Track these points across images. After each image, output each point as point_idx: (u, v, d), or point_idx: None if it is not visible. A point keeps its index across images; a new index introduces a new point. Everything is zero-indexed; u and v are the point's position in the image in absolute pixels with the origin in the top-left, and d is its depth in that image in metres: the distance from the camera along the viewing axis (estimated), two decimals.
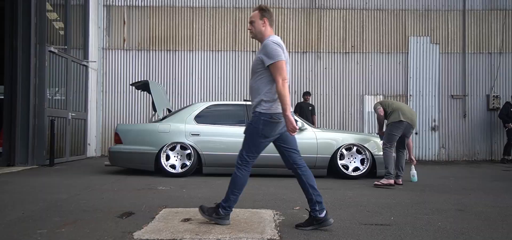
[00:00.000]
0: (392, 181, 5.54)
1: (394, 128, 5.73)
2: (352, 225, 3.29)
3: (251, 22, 3.14)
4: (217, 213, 3.15)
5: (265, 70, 2.99)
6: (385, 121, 5.95)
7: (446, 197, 4.76)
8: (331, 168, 6.42)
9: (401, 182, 5.78)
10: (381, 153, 6.21)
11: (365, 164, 6.34)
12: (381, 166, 6.24)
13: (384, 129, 5.98)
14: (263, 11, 3.12)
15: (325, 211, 3.07)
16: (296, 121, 6.37)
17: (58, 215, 3.48)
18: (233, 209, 3.22)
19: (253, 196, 4.60)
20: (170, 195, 4.57)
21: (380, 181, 5.60)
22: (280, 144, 3.14)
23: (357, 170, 6.33)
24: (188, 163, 6.27)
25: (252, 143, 3.06)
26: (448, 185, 5.85)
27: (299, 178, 3.12)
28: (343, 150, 6.38)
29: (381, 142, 6.23)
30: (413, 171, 6.16)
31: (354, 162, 6.40)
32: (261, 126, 3.01)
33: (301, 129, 6.40)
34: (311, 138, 6.39)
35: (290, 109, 2.95)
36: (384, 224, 3.35)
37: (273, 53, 2.94)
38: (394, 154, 6.09)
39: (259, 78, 3.05)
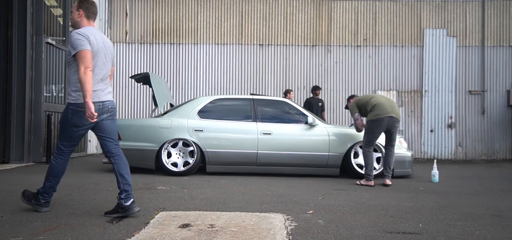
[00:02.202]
0: (372, 183, 5.23)
1: (375, 126, 5.29)
2: (376, 233, 2.85)
3: (72, 12, 3.28)
4: (36, 199, 3.26)
5: (74, 60, 3.10)
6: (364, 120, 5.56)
7: (475, 200, 4.29)
8: (344, 167, 5.97)
9: (388, 183, 5.27)
10: (399, 151, 5.80)
11: (381, 163, 5.87)
12: (398, 164, 5.81)
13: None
14: (81, 3, 3.25)
15: (131, 200, 3.16)
16: (307, 116, 6.07)
17: (41, 218, 3.08)
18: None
19: (261, 197, 4.17)
20: (169, 196, 4.16)
21: (360, 181, 5.34)
22: (96, 132, 3.25)
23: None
24: (190, 161, 5.86)
25: (65, 132, 3.21)
26: (473, 186, 5.36)
27: (113, 166, 3.25)
28: (358, 148, 5.92)
29: (398, 139, 5.84)
30: (435, 171, 5.71)
31: None
32: (70, 115, 3.15)
33: (311, 125, 5.97)
34: (322, 135, 5.95)
35: (91, 97, 2.99)
36: (413, 232, 2.89)
37: (76, 43, 3.06)
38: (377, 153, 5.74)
39: (70, 69, 3.18)
